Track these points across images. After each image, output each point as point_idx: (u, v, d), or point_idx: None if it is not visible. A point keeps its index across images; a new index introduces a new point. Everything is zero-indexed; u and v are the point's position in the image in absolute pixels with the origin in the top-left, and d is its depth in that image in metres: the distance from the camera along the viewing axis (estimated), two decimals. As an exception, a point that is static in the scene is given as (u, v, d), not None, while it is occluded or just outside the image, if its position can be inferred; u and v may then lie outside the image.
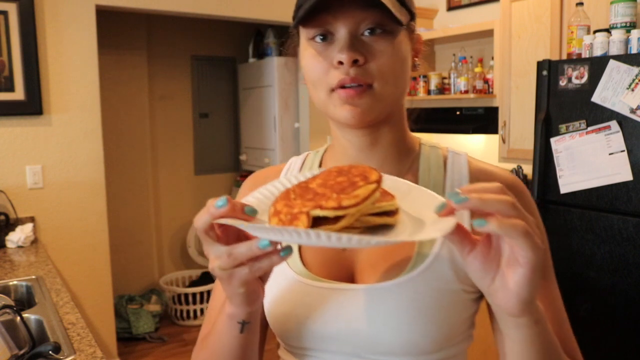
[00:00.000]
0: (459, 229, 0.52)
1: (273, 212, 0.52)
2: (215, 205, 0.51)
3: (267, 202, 0.59)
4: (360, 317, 0.67)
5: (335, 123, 0.74)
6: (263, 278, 0.61)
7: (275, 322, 0.72)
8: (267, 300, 0.73)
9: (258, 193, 0.61)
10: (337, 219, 0.49)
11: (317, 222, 0.50)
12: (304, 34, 0.70)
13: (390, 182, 0.61)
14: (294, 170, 0.83)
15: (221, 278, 0.56)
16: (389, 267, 0.69)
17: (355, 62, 0.65)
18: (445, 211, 0.50)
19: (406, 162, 0.76)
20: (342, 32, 0.66)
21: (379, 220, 0.53)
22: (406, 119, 0.79)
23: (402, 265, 0.68)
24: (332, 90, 0.68)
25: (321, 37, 0.67)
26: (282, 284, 0.72)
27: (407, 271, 0.67)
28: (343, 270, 0.72)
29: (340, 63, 0.65)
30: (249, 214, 0.53)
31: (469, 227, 0.53)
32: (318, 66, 0.68)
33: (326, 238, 0.45)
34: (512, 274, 0.50)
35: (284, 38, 0.81)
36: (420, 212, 0.55)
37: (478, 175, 0.74)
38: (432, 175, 0.75)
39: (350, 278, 0.71)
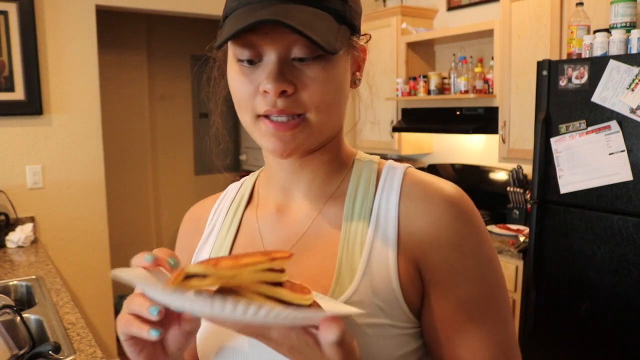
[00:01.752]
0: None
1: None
2: (144, 258, 0.53)
3: None
4: (268, 357, 0.60)
5: None
6: (167, 349, 0.55)
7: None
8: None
9: None
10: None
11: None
12: (231, 48, 0.63)
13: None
14: (228, 198, 0.79)
15: (118, 318, 0.55)
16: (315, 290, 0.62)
17: (282, 93, 0.58)
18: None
19: (335, 182, 0.70)
20: (270, 56, 0.59)
21: (277, 294, 0.50)
22: (343, 137, 0.72)
23: (326, 289, 0.62)
24: (258, 116, 0.62)
25: (248, 61, 0.60)
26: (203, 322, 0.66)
27: (331, 294, 0.61)
28: None
29: (267, 92, 0.59)
30: (171, 265, 0.53)
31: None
32: (243, 89, 0.61)
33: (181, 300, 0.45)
34: None
35: (201, 62, 0.73)
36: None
37: (411, 187, 0.65)
38: (361, 192, 0.67)
39: None
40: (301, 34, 0.54)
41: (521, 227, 2.77)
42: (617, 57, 1.97)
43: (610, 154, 1.99)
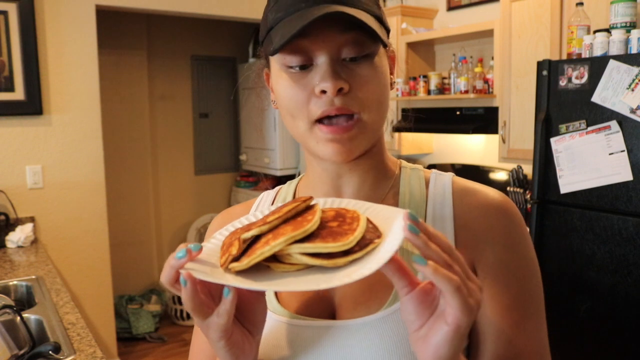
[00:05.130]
0: (399, 267, 0.49)
1: (223, 247, 0.55)
2: (176, 257, 0.51)
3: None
4: (341, 356, 0.62)
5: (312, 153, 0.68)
6: (252, 331, 0.58)
7: None
8: None
9: (219, 234, 0.60)
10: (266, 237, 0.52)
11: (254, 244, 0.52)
12: (277, 59, 0.63)
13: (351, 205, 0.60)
14: (265, 204, 0.77)
15: (201, 328, 0.54)
16: (370, 301, 0.63)
17: (339, 91, 0.59)
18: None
19: (385, 186, 0.70)
20: (322, 58, 0.60)
21: (318, 262, 0.50)
22: (384, 142, 0.73)
23: (384, 297, 0.63)
24: (314, 122, 0.61)
25: (300, 67, 0.61)
26: None
27: (389, 304, 0.62)
28: (323, 306, 0.66)
29: (323, 92, 0.59)
30: (193, 250, 0.52)
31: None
32: (297, 96, 0.61)
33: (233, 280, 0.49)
34: (437, 330, 0.48)
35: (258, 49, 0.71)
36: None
37: (462, 194, 0.68)
38: (414, 197, 0.69)
39: (332, 314, 0.66)
40: (358, 24, 0.57)
41: (521, 227, 2.77)
42: (617, 57, 1.97)
43: (610, 154, 1.98)
